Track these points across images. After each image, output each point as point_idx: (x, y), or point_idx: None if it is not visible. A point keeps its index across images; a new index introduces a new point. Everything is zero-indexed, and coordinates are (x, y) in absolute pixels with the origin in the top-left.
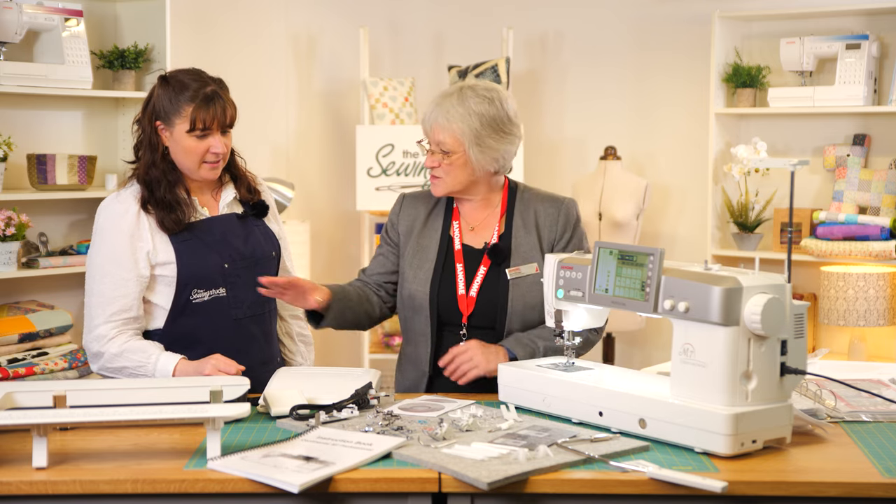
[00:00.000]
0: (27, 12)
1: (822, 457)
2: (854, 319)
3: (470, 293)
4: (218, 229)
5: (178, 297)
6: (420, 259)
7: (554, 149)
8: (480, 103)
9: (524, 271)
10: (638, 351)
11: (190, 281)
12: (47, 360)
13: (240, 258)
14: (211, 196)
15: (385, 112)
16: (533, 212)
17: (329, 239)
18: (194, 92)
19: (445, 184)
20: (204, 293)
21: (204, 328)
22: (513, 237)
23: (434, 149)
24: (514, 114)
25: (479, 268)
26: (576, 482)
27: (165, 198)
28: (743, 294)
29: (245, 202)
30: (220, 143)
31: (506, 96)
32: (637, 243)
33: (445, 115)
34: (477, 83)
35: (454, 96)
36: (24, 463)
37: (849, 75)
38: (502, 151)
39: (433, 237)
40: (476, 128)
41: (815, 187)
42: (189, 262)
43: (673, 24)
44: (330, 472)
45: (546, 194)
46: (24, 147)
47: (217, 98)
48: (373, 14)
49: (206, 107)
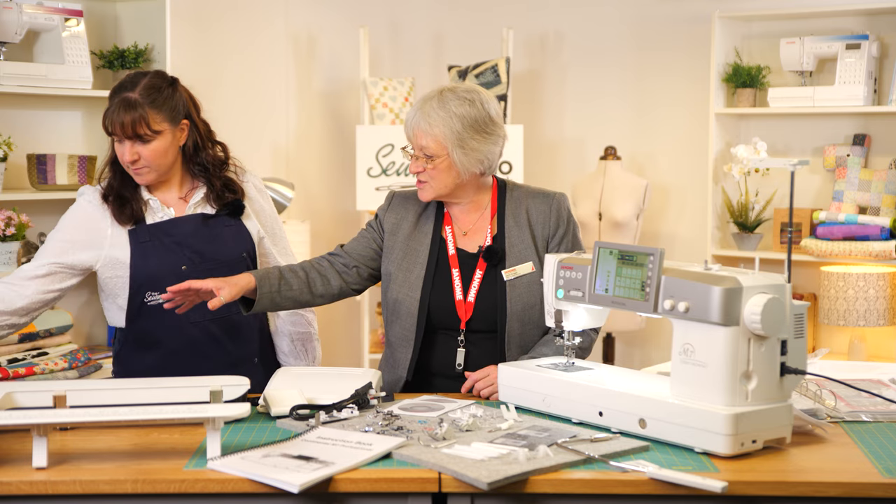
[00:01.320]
0: (27, 12)
1: (822, 457)
2: (854, 319)
3: (468, 298)
4: (180, 230)
5: (132, 299)
6: (409, 263)
7: (554, 149)
8: (461, 105)
9: (520, 271)
10: (638, 351)
11: (144, 282)
12: (47, 360)
13: (200, 260)
14: (179, 197)
15: (385, 112)
16: (524, 209)
17: (329, 239)
18: (114, 94)
19: (432, 188)
20: (158, 295)
21: (162, 329)
22: (506, 237)
23: (418, 154)
24: (497, 114)
25: (476, 272)
26: (576, 482)
27: (120, 193)
28: (743, 294)
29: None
30: (127, 152)
31: (486, 97)
32: (637, 243)
33: (427, 119)
34: (457, 85)
35: (434, 100)
36: (24, 463)
37: (849, 75)
38: (486, 152)
39: (423, 242)
40: (458, 130)
41: (815, 187)
42: (143, 263)
43: (673, 24)
44: (330, 472)
45: (535, 190)
46: (24, 147)
47: (129, 107)
48: (373, 14)
49: (114, 113)
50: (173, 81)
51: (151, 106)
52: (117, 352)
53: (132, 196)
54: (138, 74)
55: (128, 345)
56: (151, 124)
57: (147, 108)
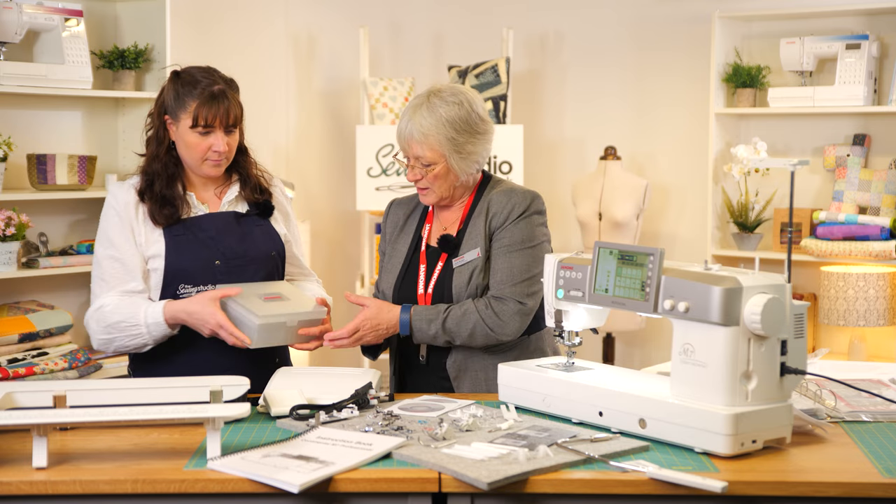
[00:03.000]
0: (27, 12)
1: (822, 457)
2: (854, 319)
3: (428, 290)
4: (213, 226)
5: (165, 292)
6: (392, 263)
7: (554, 149)
8: (450, 109)
9: (467, 258)
10: (638, 351)
11: (177, 275)
12: (47, 360)
13: (233, 256)
14: (214, 193)
15: (385, 112)
16: (488, 201)
17: (329, 239)
18: (202, 89)
19: (434, 193)
20: (191, 289)
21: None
22: (467, 228)
23: (414, 163)
24: (484, 110)
25: (437, 264)
26: (576, 482)
27: (161, 192)
28: (743, 294)
29: (252, 202)
30: (221, 142)
31: (472, 96)
32: (637, 243)
33: (419, 128)
34: (442, 88)
35: (423, 107)
36: (24, 463)
37: (849, 75)
38: (481, 152)
39: (405, 241)
40: (452, 136)
41: (815, 187)
42: (177, 256)
43: (673, 24)
44: (330, 472)
45: (508, 186)
46: (24, 147)
47: (222, 97)
48: (373, 14)
49: (210, 104)
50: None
51: (235, 96)
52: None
53: (174, 196)
54: (204, 69)
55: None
56: (238, 115)
57: (235, 98)
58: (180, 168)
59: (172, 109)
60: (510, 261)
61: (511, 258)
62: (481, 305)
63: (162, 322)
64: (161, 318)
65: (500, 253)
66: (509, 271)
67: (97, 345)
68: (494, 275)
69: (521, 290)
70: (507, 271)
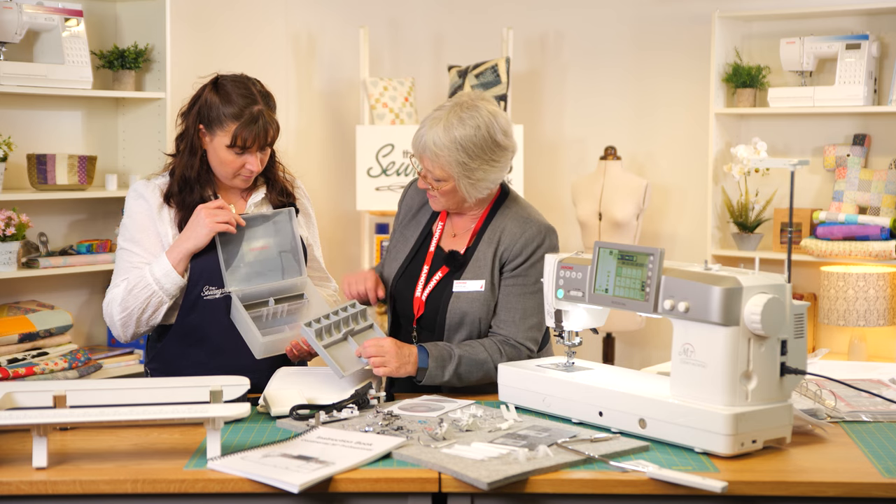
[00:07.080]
0: (27, 12)
1: (822, 457)
2: (854, 319)
3: (422, 296)
4: (239, 227)
5: (189, 293)
6: (398, 250)
7: (554, 149)
8: (466, 133)
9: (469, 286)
10: (638, 351)
11: (202, 277)
12: (47, 360)
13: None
14: (240, 195)
15: (385, 112)
16: (501, 228)
17: (329, 239)
18: (240, 110)
19: (441, 203)
20: (215, 290)
21: (213, 325)
22: (476, 250)
23: (425, 173)
24: (504, 135)
25: (437, 273)
26: (576, 482)
27: (192, 199)
28: (743, 294)
29: (277, 205)
30: (256, 162)
31: (492, 122)
32: (637, 243)
33: (434, 146)
34: (466, 103)
35: (441, 124)
36: (24, 463)
37: (849, 75)
38: (493, 179)
39: (414, 232)
40: (464, 161)
41: (815, 187)
42: (203, 257)
43: (673, 24)
44: (330, 472)
45: (524, 215)
46: (24, 147)
47: (261, 119)
48: (373, 14)
49: (248, 127)
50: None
51: (272, 115)
52: (160, 348)
53: (201, 202)
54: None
55: (174, 341)
56: (274, 134)
57: (272, 117)
58: (212, 174)
59: (209, 122)
60: (524, 303)
61: (525, 300)
62: (495, 353)
63: (168, 267)
64: (167, 264)
65: (514, 293)
66: (523, 313)
67: (120, 330)
68: (508, 313)
69: (534, 334)
70: (520, 312)
